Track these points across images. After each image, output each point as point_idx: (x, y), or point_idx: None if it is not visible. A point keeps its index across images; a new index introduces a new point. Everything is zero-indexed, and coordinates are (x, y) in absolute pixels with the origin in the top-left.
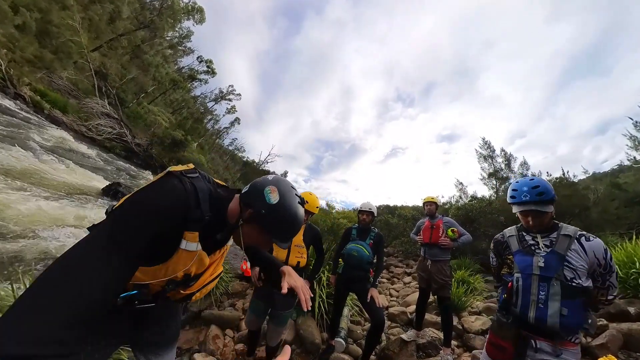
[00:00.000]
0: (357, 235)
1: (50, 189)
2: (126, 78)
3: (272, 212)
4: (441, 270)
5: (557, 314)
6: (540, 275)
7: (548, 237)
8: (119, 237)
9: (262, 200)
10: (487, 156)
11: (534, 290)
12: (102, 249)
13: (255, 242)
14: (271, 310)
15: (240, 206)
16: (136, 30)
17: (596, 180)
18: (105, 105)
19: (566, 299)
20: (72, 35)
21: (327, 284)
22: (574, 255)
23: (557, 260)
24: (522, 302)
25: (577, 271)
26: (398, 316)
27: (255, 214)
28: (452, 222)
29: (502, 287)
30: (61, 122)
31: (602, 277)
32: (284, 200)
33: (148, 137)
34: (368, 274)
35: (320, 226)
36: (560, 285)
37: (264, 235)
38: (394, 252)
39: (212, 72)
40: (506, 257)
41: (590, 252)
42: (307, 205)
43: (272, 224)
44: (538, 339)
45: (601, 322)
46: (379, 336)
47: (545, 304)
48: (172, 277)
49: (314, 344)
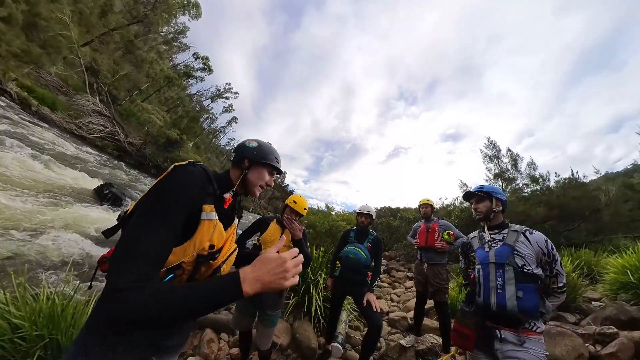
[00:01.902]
0: (355, 238)
1: (32, 190)
2: (118, 74)
3: (258, 149)
4: (438, 274)
5: (514, 297)
6: (496, 263)
7: (500, 233)
8: (165, 213)
9: (248, 148)
10: (493, 156)
11: (492, 277)
12: (153, 223)
13: (262, 179)
14: (259, 312)
15: (237, 167)
16: (129, 25)
17: (608, 180)
18: (97, 102)
19: (520, 282)
20: (61, 29)
21: (325, 287)
22: (522, 246)
23: (508, 250)
24: (484, 289)
25: (525, 259)
26: (399, 322)
27: (250, 159)
28: (448, 225)
29: (468, 282)
30: (50, 120)
31: (549, 265)
32: (259, 142)
33: (141, 136)
34: (365, 278)
35: (318, 228)
36: (513, 271)
37: (265, 168)
38: (396, 256)
39: (208, 69)
40: (470, 255)
41: (534, 242)
42: (295, 205)
43: (264, 156)
44: (502, 329)
45: (611, 329)
46: (376, 341)
47: (503, 288)
48: (199, 250)
49: (311, 349)
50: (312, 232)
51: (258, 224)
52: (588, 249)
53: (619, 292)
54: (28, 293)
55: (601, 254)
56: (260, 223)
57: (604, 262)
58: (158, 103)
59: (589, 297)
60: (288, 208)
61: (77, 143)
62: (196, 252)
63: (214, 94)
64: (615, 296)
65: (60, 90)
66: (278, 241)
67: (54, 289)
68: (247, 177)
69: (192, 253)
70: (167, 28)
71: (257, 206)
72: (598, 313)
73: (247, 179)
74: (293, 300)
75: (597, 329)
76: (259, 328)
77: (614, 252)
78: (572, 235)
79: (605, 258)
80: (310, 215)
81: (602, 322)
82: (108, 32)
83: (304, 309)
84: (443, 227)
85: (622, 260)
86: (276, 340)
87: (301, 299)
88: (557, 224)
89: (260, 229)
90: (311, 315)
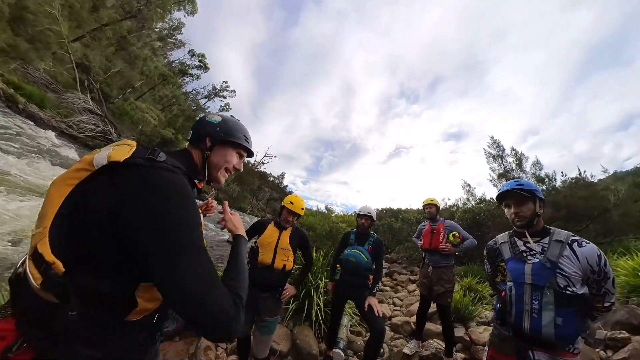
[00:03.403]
0: (355, 240)
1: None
2: (111, 71)
3: (223, 126)
4: (442, 277)
5: (552, 324)
6: (533, 284)
7: (540, 243)
8: (195, 241)
9: (211, 125)
10: (497, 156)
11: (527, 299)
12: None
13: (228, 161)
14: (256, 319)
15: (198, 148)
16: (122, 20)
17: (617, 179)
18: (88, 100)
19: (560, 307)
20: (50, 24)
21: (325, 291)
22: (567, 262)
23: (549, 269)
24: (516, 311)
25: (570, 279)
26: (402, 326)
27: (212, 137)
28: (455, 226)
29: (497, 296)
30: (38, 118)
31: (596, 284)
32: (224, 117)
33: (135, 135)
34: (366, 281)
35: (318, 230)
36: (553, 294)
37: (231, 148)
38: (398, 259)
39: (204, 66)
40: (499, 264)
41: (582, 258)
42: (292, 206)
43: (230, 133)
44: (535, 350)
45: (622, 334)
46: (379, 346)
47: (539, 314)
48: None
49: (311, 355)
50: (312, 234)
51: (255, 227)
52: None
53: (630, 296)
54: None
55: (611, 256)
56: (257, 225)
57: (614, 265)
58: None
59: None
60: (285, 209)
61: (68, 142)
62: None
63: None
64: (627, 300)
65: (49, 87)
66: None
67: None
68: (210, 159)
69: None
70: (162, 24)
71: (255, 208)
72: (608, 317)
73: (210, 162)
74: (293, 305)
75: (608, 334)
76: (256, 335)
77: (624, 254)
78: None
79: (615, 260)
80: (310, 217)
81: (613, 327)
82: (100, 27)
83: (304, 314)
84: (449, 228)
85: (632, 262)
86: (276, 347)
87: (301, 304)
88: (564, 225)
89: (257, 232)
90: (312, 320)
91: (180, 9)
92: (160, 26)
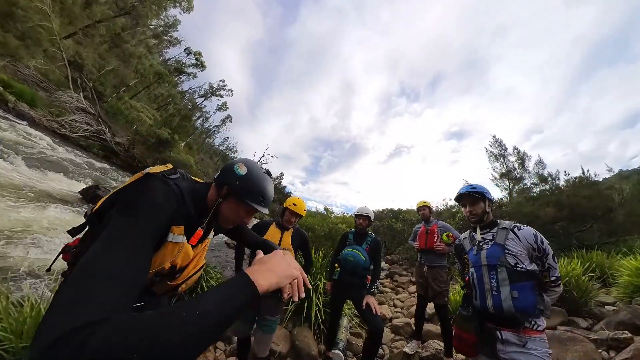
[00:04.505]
0: (353, 240)
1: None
2: (105, 69)
3: (243, 181)
4: (437, 277)
5: (510, 298)
6: (488, 264)
7: (490, 232)
8: (141, 235)
9: (234, 174)
10: (499, 155)
11: (486, 279)
12: (128, 236)
13: (236, 216)
14: (257, 318)
15: (216, 189)
16: (116, 17)
17: (622, 178)
18: (81, 99)
19: (515, 282)
20: (41, 20)
21: (324, 291)
22: (512, 244)
23: (498, 250)
24: (479, 292)
25: (517, 257)
26: (402, 328)
27: (230, 188)
28: (447, 227)
29: (464, 285)
30: (29, 117)
31: (540, 260)
32: (252, 171)
33: (130, 135)
34: (364, 280)
35: (317, 231)
36: (506, 271)
37: (243, 205)
38: (399, 260)
39: (201, 65)
40: (464, 257)
41: (523, 238)
42: (295, 207)
43: (246, 191)
44: (502, 330)
45: (625, 334)
46: (378, 345)
47: (498, 290)
48: (158, 269)
49: (311, 356)
50: (311, 235)
51: (257, 229)
52: (601, 250)
53: (634, 296)
54: (10, 303)
55: (614, 256)
56: (259, 227)
57: (618, 265)
58: (147, 100)
59: (601, 301)
60: (288, 211)
61: (60, 142)
62: (154, 270)
63: (207, 91)
64: (630, 300)
65: (41, 85)
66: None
67: (39, 297)
68: (220, 208)
69: (151, 270)
70: (157, 21)
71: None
72: (611, 317)
73: (219, 209)
74: (292, 305)
75: (610, 334)
76: (257, 335)
77: (628, 254)
78: (584, 237)
79: (619, 260)
80: (309, 217)
81: (616, 327)
82: (93, 24)
83: (303, 315)
84: (442, 228)
85: (636, 262)
86: (275, 348)
87: (300, 304)
88: (568, 225)
89: (260, 234)
90: (311, 321)
91: (176, 5)
92: (155, 23)
